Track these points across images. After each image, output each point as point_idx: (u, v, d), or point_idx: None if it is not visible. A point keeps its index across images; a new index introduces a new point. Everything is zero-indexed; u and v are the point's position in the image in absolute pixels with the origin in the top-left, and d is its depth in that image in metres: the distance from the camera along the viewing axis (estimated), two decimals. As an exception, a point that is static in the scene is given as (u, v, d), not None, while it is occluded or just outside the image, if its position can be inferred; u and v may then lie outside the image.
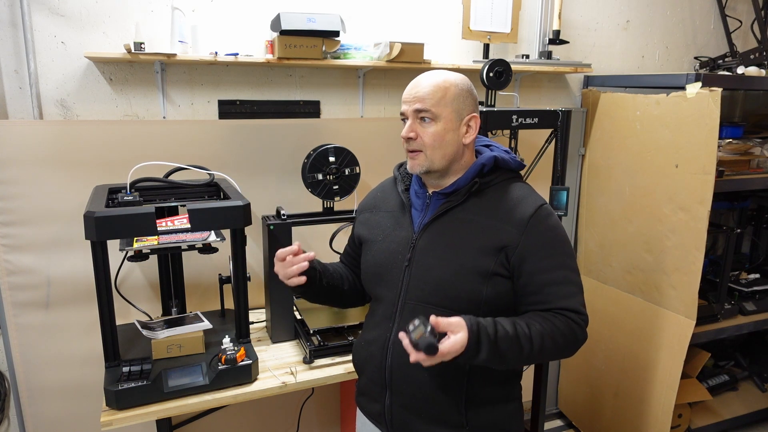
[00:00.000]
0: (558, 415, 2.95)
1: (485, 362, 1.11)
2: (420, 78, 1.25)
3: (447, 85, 1.22)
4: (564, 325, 1.18)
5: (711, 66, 2.69)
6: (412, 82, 1.25)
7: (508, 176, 1.31)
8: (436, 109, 1.21)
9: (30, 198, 1.79)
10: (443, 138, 1.22)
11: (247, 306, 1.67)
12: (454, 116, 1.23)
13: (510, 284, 1.22)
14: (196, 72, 1.99)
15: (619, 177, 2.46)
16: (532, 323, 1.15)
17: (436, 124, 1.22)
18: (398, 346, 1.25)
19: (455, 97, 1.23)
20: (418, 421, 1.27)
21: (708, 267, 2.68)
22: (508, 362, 1.14)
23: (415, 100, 1.22)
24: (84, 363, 1.94)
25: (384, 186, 1.46)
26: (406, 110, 1.24)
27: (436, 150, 1.23)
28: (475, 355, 1.09)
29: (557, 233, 1.25)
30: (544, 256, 1.21)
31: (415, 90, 1.23)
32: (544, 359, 1.22)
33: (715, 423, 2.71)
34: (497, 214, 1.23)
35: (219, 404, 1.56)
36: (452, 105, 1.22)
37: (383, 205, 1.39)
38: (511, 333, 1.12)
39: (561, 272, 1.22)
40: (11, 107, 1.80)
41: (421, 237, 1.26)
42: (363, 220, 1.43)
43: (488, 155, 1.28)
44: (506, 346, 1.11)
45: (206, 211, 1.48)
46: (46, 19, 1.77)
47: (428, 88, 1.21)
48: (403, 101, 1.25)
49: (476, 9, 2.22)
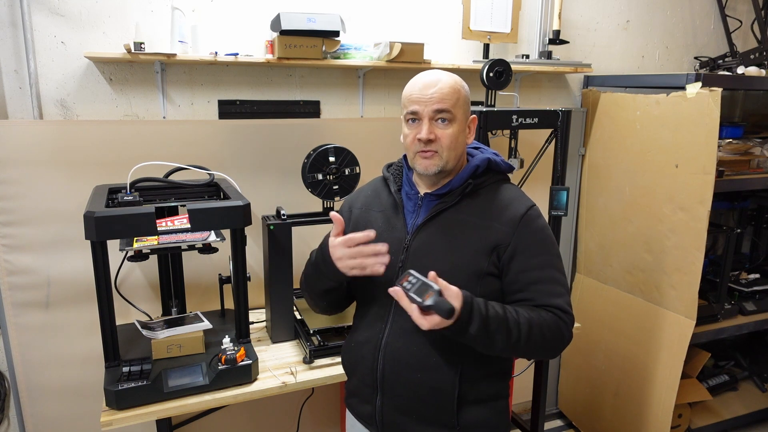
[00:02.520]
0: (558, 415, 2.95)
1: (473, 339, 1.10)
2: (430, 77, 1.22)
3: (459, 86, 1.22)
4: (551, 320, 1.18)
5: (711, 66, 2.69)
6: (422, 82, 1.22)
7: (499, 178, 1.32)
8: (454, 110, 1.20)
9: (30, 198, 1.79)
10: (457, 139, 1.23)
11: (247, 306, 1.67)
12: (464, 118, 1.24)
13: (499, 283, 1.23)
14: (196, 72, 1.99)
15: (619, 177, 2.46)
16: (520, 311, 1.16)
17: (453, 125, 1.21)
18: (391, 348, 1.25)
19: (465, 99, 1.24)
20: (409, 422, 1.26)
21: (708, 267, 2.68)
22: (495, 344, 1.13)
23: (433, 101, 1.19)
24: (84, 363, 1.94)
25: (374, 186, 1.42)
26: (420, 111, 1.20)
27: (452, 151, 1.22)
28: (466, 327, 1.08)
29: (546, 234, 1.26)
30: (533, 254, 1.22)
31: (430, 90, 1.19)
32: (530, 352, 1.20)
33: (715, 423, 2.71)
34: (490, 215, 1.24)
35: (219, 404, 1.56)
36: (464, 107, 1.23)
37: (375, 205, 1.37)
38: (501, 314, 1.13)
39: (548, 271, 1.23)
40: (11, 107, 1.80)
41: (415, 238, 1.26)
42: (353, 219, 1.38)
43: (481, 157, 1.29)
44: (495, 326, 1.11)
45: (206, 211, 1.48)
46: (46, 19, 1.77)
47: (447, 89, 1.20)
48: (415, 101, 1.21)
49: (476, 9, 2.22)
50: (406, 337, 1.23)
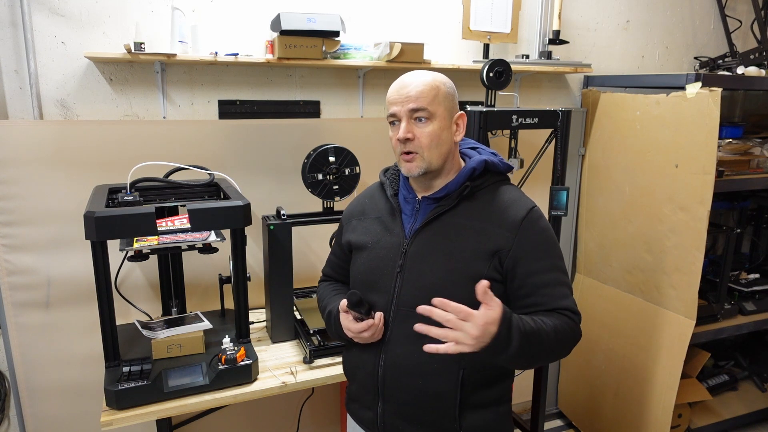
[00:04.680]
0: (558, 415, 2.95)
1: (512, 358, 1.08)
2: (407, 78, 1.22)
3: (437, 83, 1.21)
4: (567, 324, 1.18)
5: (711, 66, 2.69)
6: (399, 83, 1.22)
7: (497, 179, 1.30)
8: (432, 108, 1.19)
9: (30, 198, 1.79)
10: (439, 137, 1.21)
11: (247, 306, 1.67)
12: (446, 114, 1.22)
13: (502, 288, 1.22)
14: (196, 72, 1.99)
15: (619, 177, 2.46)
16: (546, 320, 1.15)
17: (432, 123, 1.20)
18: (392, 354, 1.25)
19: (446, 95, 1.22)
20: (410, 427, 1.26)
21: (708, 267, 2.68)
22: (533, 358, 1.12)
23: (408, 100, 1.18)
24: (84, 363, 1.94)
25: (371, 192, 1.41)
26: (398, 111, 1.20)
27: (433, 150, 1.21)
28: (506, 346, 1.05)
29: (549, 235, 1.25)
30: (538, 257, 1.21)
31: (406, 90, 1.19)
32: (554, 357, 1.21)
33: (715, 423, 2.71)
34: (489, 218, 1.22)
35: (219, 404, 1.56)
36: (444, 103, 1.21)
37: (372, 212, 1.36)
38: (535, 327, 1.11)
39: (554, 274, 1.22)
40: (11, 107, 1.80)
41: (413, 243, 1.25)
42: (351, 228, 1.38)
43: (478, 159, 1.27)
44: (534, 340, 1.10)
45: (206, 211, 1.48)
46: (46, 19, 1.77)
47: (421, 87, 1.19)
48: (392, 102, 1.21)
49: (476, 9, 2.22)
50: (407, 343, 1.22)
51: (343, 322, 1.27)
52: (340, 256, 1.45)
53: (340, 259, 1.46)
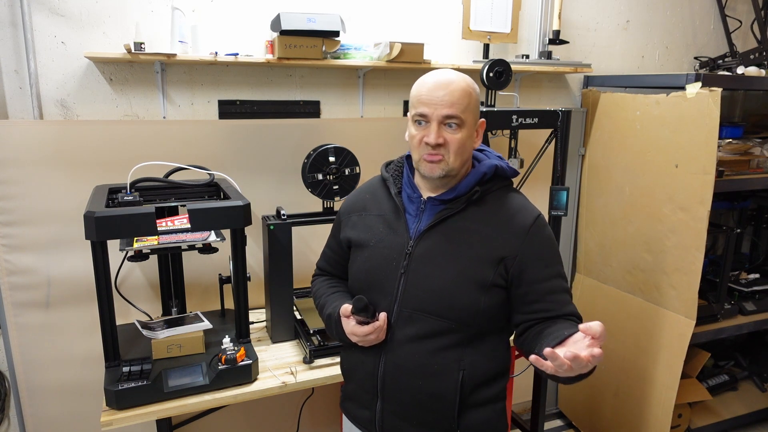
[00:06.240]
0: (558, 415, 2.95)
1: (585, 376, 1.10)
2: (441, 78, 1.18)
3: (469, 90, 1.18)
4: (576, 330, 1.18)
5: (711, 66, 2.69)
6: (432, 83, 1.17)
7: (504, 184, 1.30)
8: (464, 116, 1.17)
9: (30, 198, 1.79)
10: (465, 144, 1.19)
11: (247, 306, 1.67)
12: (473, 122, 1.21)
13: (506, 294, 1.22)
14: (196, 72, 1.99)
15: (619, 177, 2.46)
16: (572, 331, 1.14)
17: (462, 130, 1.17)
18: (393, 354, 1.24)
19: (477, 103, 1.21)
20: (409, 427, 1.26)
21: (708, 267, 2.68)
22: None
23: (443, 105, 1.15)
24: (84, 363, 1.94)
25: (372, 187, 1.38)
26: (429, 113, 1.16)
27: (458, 156, 1.19)
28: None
29: (553, 242, 1.26)
30: (545, 265, 1.21)
31: (440, 93, 1.15)
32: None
33: (715, 423, 2.71)
34: (496, 224, 1.22)
35: (219, 404, 1.56)
36: (474, 111, 1.20)
37: (373, 208, 1.33)
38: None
39: (558, 281, 1.23)
40: (11, 107, 1.80)
41: (418, 244, 1.23)
42: (351, 224, 1.36)
43: (489, 164, 1.26)
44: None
45: (206, 211, 1.48)
46: (46, 19, 1.77)
47: (458, 93, 1.15)
48: (424, 103, 1.17)
49: (476, 9, 2.22)
50: (409, 344, 1.22)
51: (348, 328, 1.26)
52: (336, 250, 1.43)
53: (336, 254, 1.44)
